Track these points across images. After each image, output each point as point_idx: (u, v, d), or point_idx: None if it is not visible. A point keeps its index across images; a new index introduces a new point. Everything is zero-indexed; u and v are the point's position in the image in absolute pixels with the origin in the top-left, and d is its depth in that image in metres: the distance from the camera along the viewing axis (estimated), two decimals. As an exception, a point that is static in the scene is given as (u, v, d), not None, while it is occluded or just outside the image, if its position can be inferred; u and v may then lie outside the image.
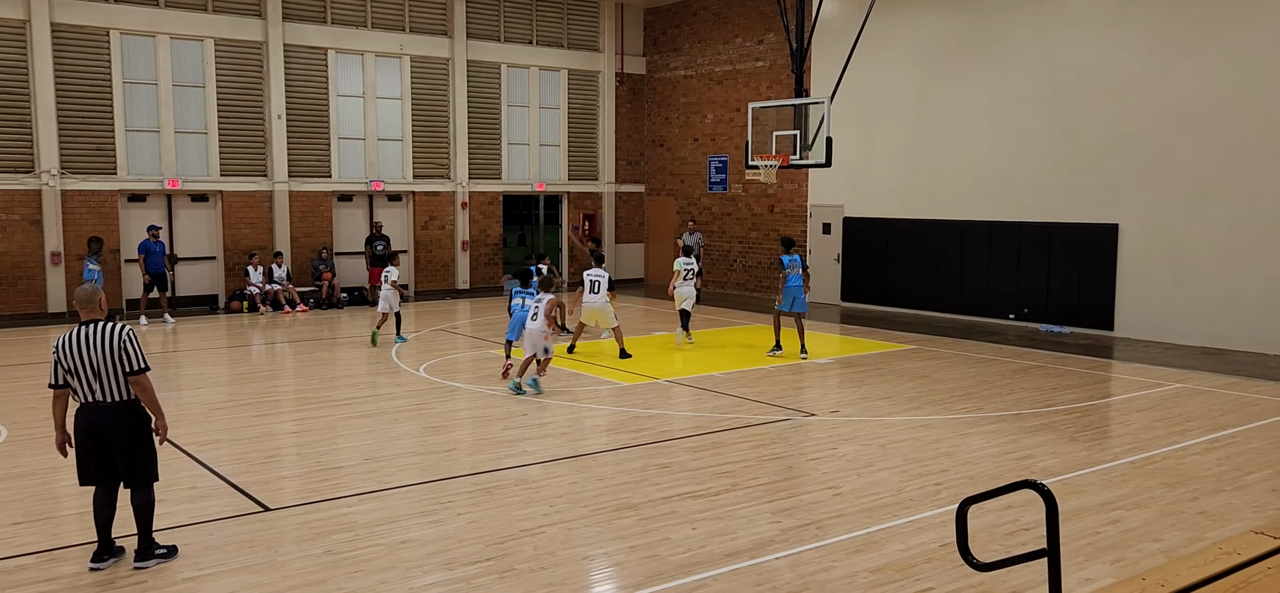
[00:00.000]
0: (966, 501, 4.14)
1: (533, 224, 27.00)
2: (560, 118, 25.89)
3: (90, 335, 6.48)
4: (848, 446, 9.83)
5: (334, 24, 22.23)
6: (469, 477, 8.72)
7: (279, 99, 21.50)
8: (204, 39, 20.75)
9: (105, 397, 6.46)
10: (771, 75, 23.27)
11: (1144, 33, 16.83)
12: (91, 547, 6.75)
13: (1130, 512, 7.79)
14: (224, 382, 13.57)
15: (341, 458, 9.50)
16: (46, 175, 19.24)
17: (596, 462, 9.21)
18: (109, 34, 19.76)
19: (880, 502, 8.00)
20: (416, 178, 23.69)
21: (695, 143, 25.59)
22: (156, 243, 19.25)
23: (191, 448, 9.61)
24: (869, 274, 21.44)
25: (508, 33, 24.75)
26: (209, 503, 7.94)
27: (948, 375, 13.69)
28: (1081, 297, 17.81)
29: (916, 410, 11.47)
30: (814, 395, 12.66)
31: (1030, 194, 18.46)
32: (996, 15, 18.91)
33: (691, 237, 23.34)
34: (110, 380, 6.45)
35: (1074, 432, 10.49)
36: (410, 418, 11.09)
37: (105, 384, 6.45)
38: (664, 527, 7.35)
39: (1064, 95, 17.93)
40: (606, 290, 14.99)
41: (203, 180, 21.00)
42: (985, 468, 9.07)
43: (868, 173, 21.19)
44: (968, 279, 19.55)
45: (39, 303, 19.42)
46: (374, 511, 7.76)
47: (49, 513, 7.80)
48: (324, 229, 22.43)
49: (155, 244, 19.22)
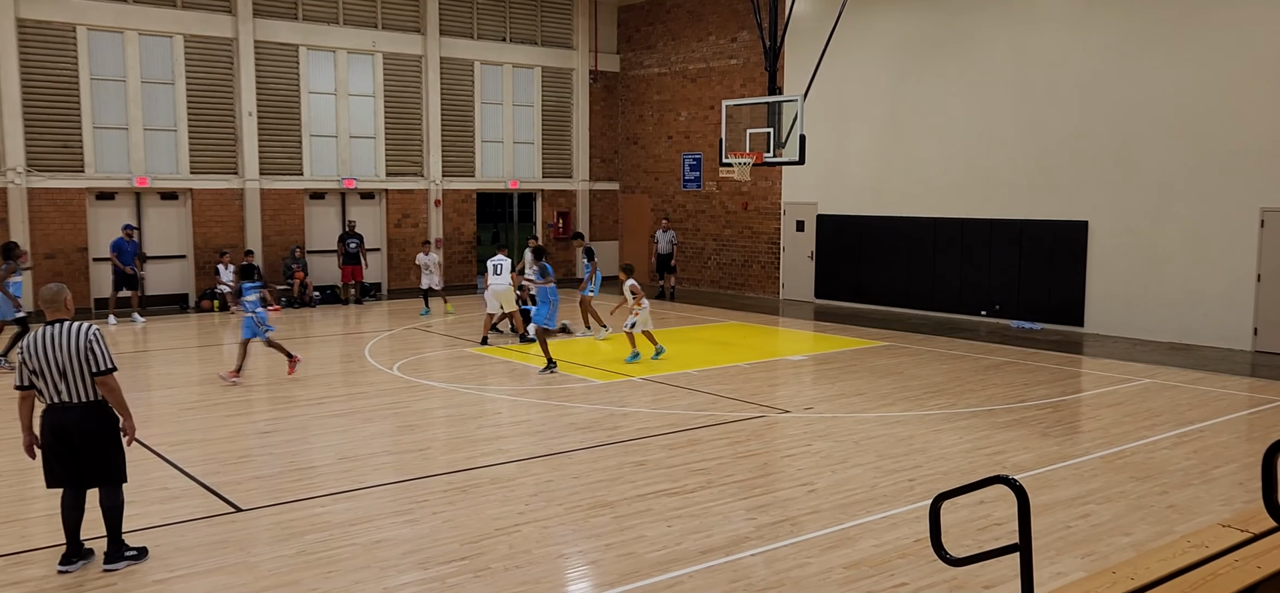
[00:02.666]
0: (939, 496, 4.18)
1: (507, 222, 26.91)
2: (534, 115, 25.82)
3: (56, 335, 6.39)
4: (822, 442, 9.88)
5: (305, 21, 22.04)
6: (444, 476, 8.68)
7: (250, 96, 21.29)
8: (173, 35, 20.50)
9: (72, 397, 6.38)
10: (745, 73, 23.32)
11: (1111, 32, 17.02)
12: (60, 549, 6.66)
13: (1101, 506, 7.88)
14: (195, 382, 13.42)
15: (315, 458, 9.43)
16: (12, 173, 18.94)
17: (572, 460, 9.20)
18: (76, 29, 19.48)
19: (854, 498, 8.05)
20: (389, 176, 23.55)
21: (669, 140, 25.60)
22: (130, 242, 19.02)
23: (162, 449, 9.50)
24: (842, 271, 21.55)
25: (481, 30, 24.65)
26: (180, 504, 7.86)
27: (921, 372, 13.79)
28: (1052, 293, 18.00)
29: (890, 407, 11.55)
30: (788, 393, 12.71)
31: (1001, 191, 18.63)
32: (967, 14, 19.06)
33: (665, 234, 23.37)
34: (76, 380, 6.36)
35: (1045, 427, 10.60)
36: (384, 417, 11.03)
37: (72, 384, 6.36)
38: (639, 524, 7.36)
39: (1033, 93, 18.10)
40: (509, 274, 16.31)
41: (172, 178, 20.76)
42: (958, 464, 9.15)
43: (841, 170, 21.30)
44: (940, 276, 19.70)
45: (5, 302, 19.10)
46: (348, 510, 7.71)
47: (16, 516, 7.69)
48: (296, 227, 22.23)
49: (129, 243, 18.99)
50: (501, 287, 16.16)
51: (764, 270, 23.47)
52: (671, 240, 23.31)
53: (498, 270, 16.20)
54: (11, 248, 14.53)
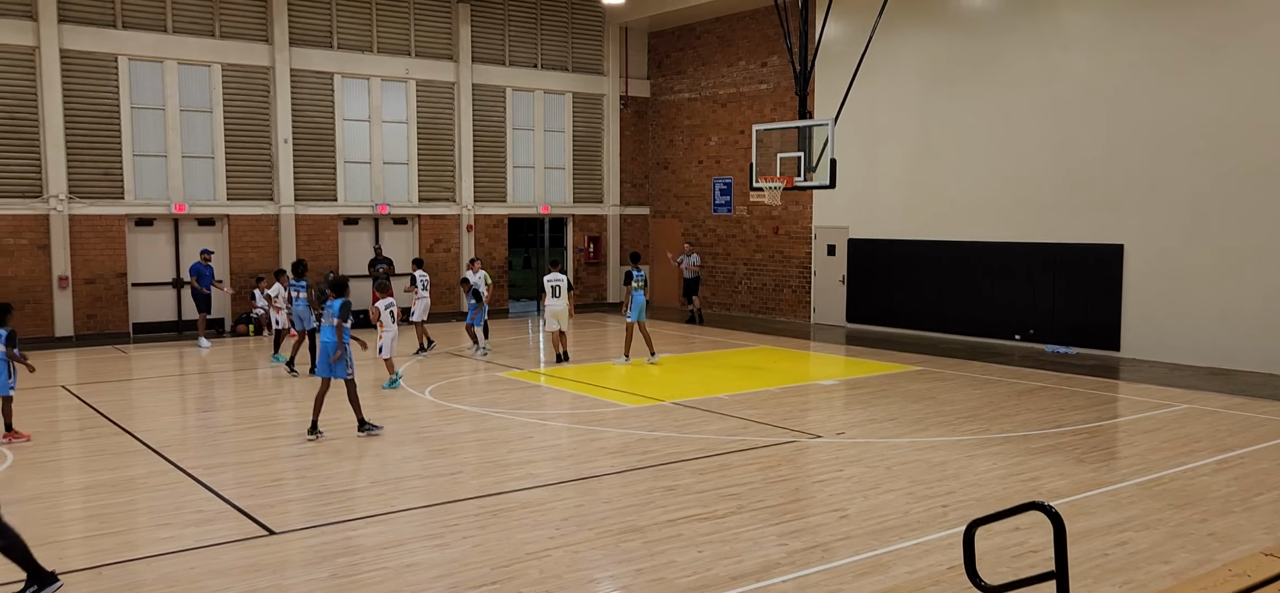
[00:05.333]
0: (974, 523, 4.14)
1: (538, 246, 27.05)
2: (565, 141, 25.98)
3: None
4: (854, 468, 9.80)
5: (340, 49, 22.37)
6: (474, 500, 8.70)
7: (285, 123, 21.61)
8: (211, 64, 20.88)
9: None
10: (775, 97, 23.34)
11: (1141, 51, 16.87)
12: (98, 570, 6.74)
13: (1139, 534, 7.75)
14: (229, 405, 13.57)
15: (347, 481, 9.50)
16: (55, 200, 19.34)
17: (602, 484, 9.19)
18: (117, 60, 19.90)
19: (887, 524, 7.97)
20: (422, 201, 23.77)
21: (699, 165, 25.65)
22: (207, 266, 19.37)
23: (197, 472, 9.61)
24: (874, 295, 21.43)
25: (512, 57, 24.88)
26: (215, 527, 7.94)
27: (953, 397, 13.66)
28: (1087, 317, 17.77)
29: (922, 432, 11.44)
30: (820, 417, 12.64)
31: (1034, 214, 18.47)
32: (996, 36, 18.98)
33: (689, 257, 23.31)
34: None
35: (1081, 453, 10.45)
36: (416, 441, 11.08)
37: None
38: (670, 550, 7.33)
39: (1064, 115, 17.96)
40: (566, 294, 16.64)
41: (210, 204, 21.09)
42: (992, 490, 9.03)
43: (872, 194, 21.22)
44: (972, 300, 19.53)
45: (46, 327, 19.47)
46: (380, 534, 7.75)
47: (54, 537, 7.80)
48: (330, 252, 22.48)
49: (207, 267, 19.35)
50: (559, 307, 16.57)
51: (795, 295, 23.38)
52: (696, 263, 23.27)
53: (556, 292, 16.59)
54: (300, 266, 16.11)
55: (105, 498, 8.89)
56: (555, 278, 16.77)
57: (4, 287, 19.05)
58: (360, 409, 11.31)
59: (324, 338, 11.38)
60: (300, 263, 16.42)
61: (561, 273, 17.00)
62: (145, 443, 10.86)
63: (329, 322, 11.31)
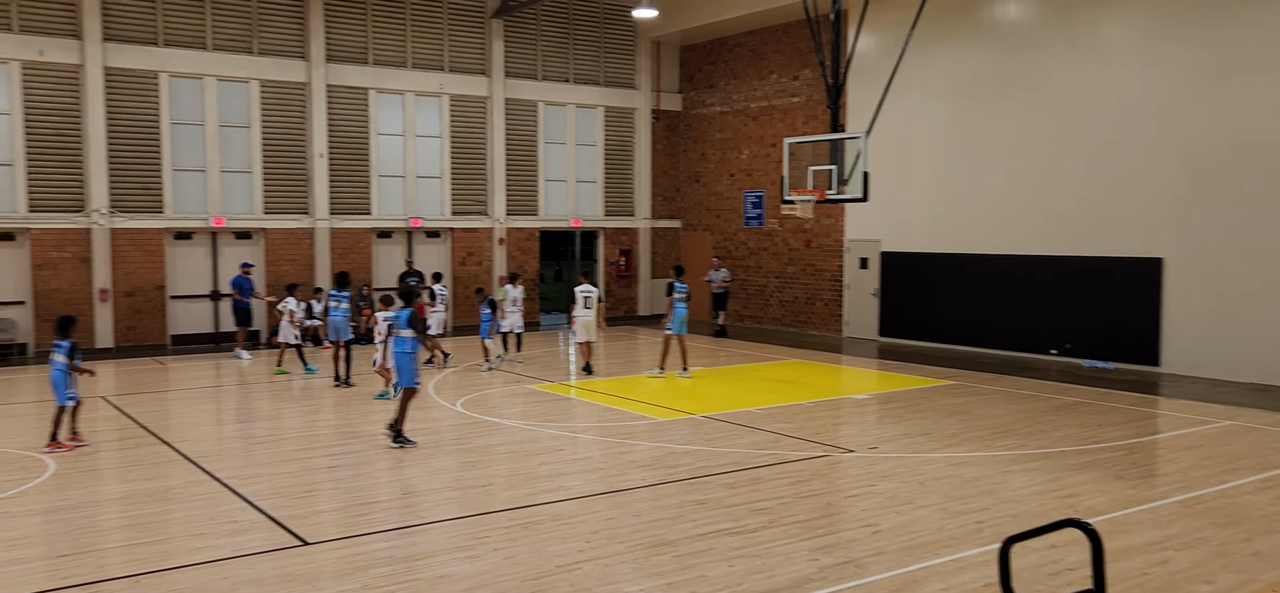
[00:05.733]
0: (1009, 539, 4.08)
1: (570, 260, 27.13)
2: (597, 154, 26.08)
3: None
4: (887, 483, 9.71)
5: (375, 65, 22.63)
6: (506, 512, 8.72)
7: (321, 138, 21.88)
8: (249, 81, 21.20)
9: None
10: (807, 110, 23.28)
11: (1181, 64, 16.64)
12: (136, 579, 6.82)
13: (1180, 552, 7.61)
14: (264, 416, 13.72)
15: (380, 493, 9.56)
16: (96, 214, 19.69)
17: (633, 498, 9.18)
18: (158, 77, 20.27)
19: (920, 540, 7.88)
20: (455, 214, 23.95)
21: (731, 178, 25.62)
22: (247, 278, 19.63)
23: (233, 482, 9.71)
24: (907, 309, 21.26)
25: (545, 71, 25.03)
26: (249, 537, 8.01)
27: (988, 412, 13.51)
28: (1125, 331, 17.51)
29: (957, 447, 11.32)
30: (852, 432, 12.54)
31: (1069, 228, 18.24)
32: (1031, 48, 18.81)
33: (717, 273, 23.19)
34: None
35: (1120, 470, 10.29)
36: (447, 453, 11.13)
37: None
38: (701, 564, 7.30)
39: (1101, 128, 17.75)
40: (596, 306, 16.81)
41: (247, 218, 21.38)
42: (1028, 506, 8.91)
43: (905, 207, 21.08)
44: (1007, 314, 19.31)
45: (87, 339, 19.79)
46: (411, 545, 7.79)
47: (94, 546, 7.91)
48: (364, 266, 22.70)
49: (247, 280, 19.61)
50: (589, 318, 16.79)
51: (827, 308, 23.26)
52: (725, 278, 23.15)
53: (588, 303, 16.81)
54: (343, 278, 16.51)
55: (143, 507, 9.01)
56: (587, 289, 16.93)
57: (47, 299, 19.43)
58: (404, 419, 11.35)
59: (398, 349, 11.51)
60: (343, 274, 16.69)
61: (592, 285, 17.15)
62: (182, 453, 11.00)
63: (400, 332, 11.49)
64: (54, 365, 11.20)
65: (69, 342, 11.26)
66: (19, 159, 19.10)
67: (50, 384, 11.30)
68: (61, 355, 11.17)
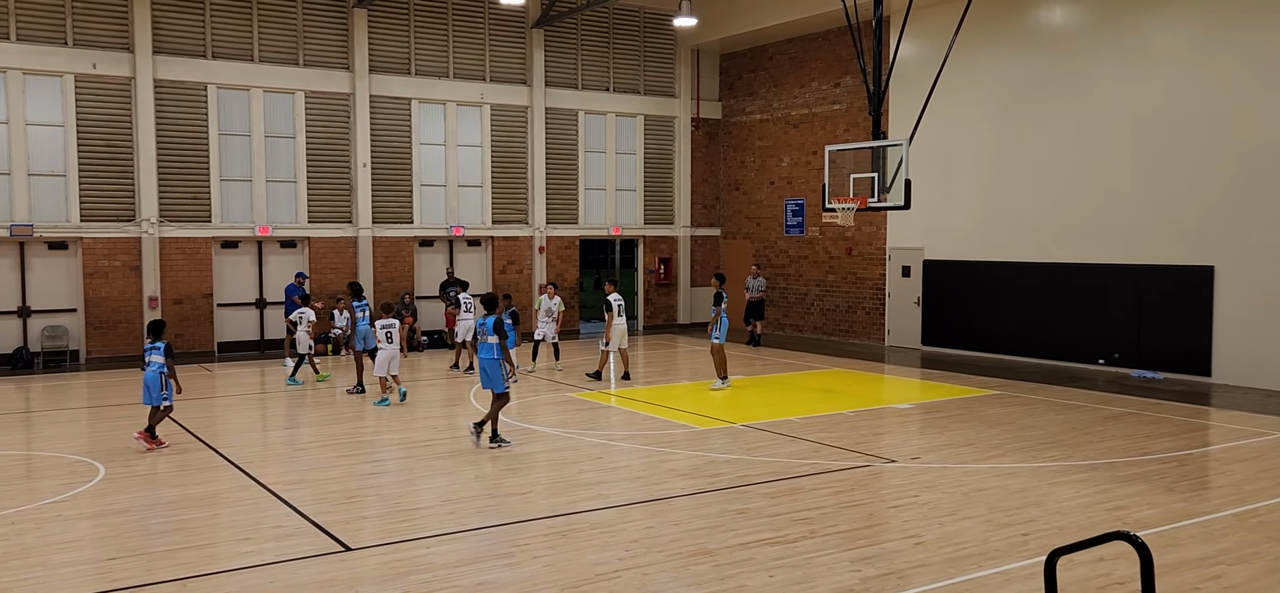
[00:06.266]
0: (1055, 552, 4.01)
1: (609, 268, 27.17)
2: (636, 162, 26.11)
3: None
4: (930, 493, 9.59)
5: (417, 75, 22.87)
6: (545, 519, 8.74)
7: (364, 148, 22.14)
8: (295, 92, 21.52)
9: None
10: (848, 118, 23.14)
11: (1231, 67, 16.31)
12: (183, 582, 6.92)
13: (1233, 567, 7.42)
14: (309, 422, 13.88)
15: (421, 499, 9.62)
16: (146, 223, 20.09)
17: (672, 506, 9.15)
18: (206, 89, 20.64)
19: (964, 552, 7.77)
20: (495, 223, 24.10)
21: (771, 186, 25.52)
22: (301, 287, 19.94)
23: (277, 487, 9.83)
24: (950, 318, 21.02)
25: (585, 80, 25.13)
26: (293, 542, 8.10)
27: (1034, 422, 13.29)
28: (1175, 341, 17.16)
29: (1001, 458, 11.15)
30: (894, 442, 12.41)
31: (1117, 235, 17.93)
32: (1077, 53, 18.53)
33: (754, 280, 22.96)
34: None
35: (1170, 482, 10.07)
36: (488, 460, 11.18)
37: None
38: (741, 574, 7.25)
39: (1149, 133, 17.44)
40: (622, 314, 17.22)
41: (292, 227, 21.68)
42: (1075, 518, 8.75)
43: (948, 214, 20.86)
44: (1053, 323, 19.01)
45: (137, 346, 20.16)
46: (452, 552, 7.83)
47: (142, 549, 8.05)
48: (406, 274, 22.92)
49: (300, 289, 19.92)
50: (621, 326, 17.26)
51: (869, 317, 23.06)
52: (761, 286, 22.94)
53: (621, 311, 17.27)
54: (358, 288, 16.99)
55: (190, 512, 9.15)
56: (616, 297, 17.31)
57: (98, 307, 19.85)
58: (497, 421, 11.69)
59: (483, 356, 11.73)
60: (357, 285, 17.20)
61: (619, 293, 17.53)
62: (228, 459, 11.16)
63: (484, 338, 11.71)
64: (149, 367, 11.64)
65: (164, 344, 11.74)
66: (72, 170, 19.55)
67: (143, 385, 11.69)
68: (157, 357, 11.63)
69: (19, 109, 19.04)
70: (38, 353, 19.38)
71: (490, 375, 11.69)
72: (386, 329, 14.74)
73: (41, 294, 19.68)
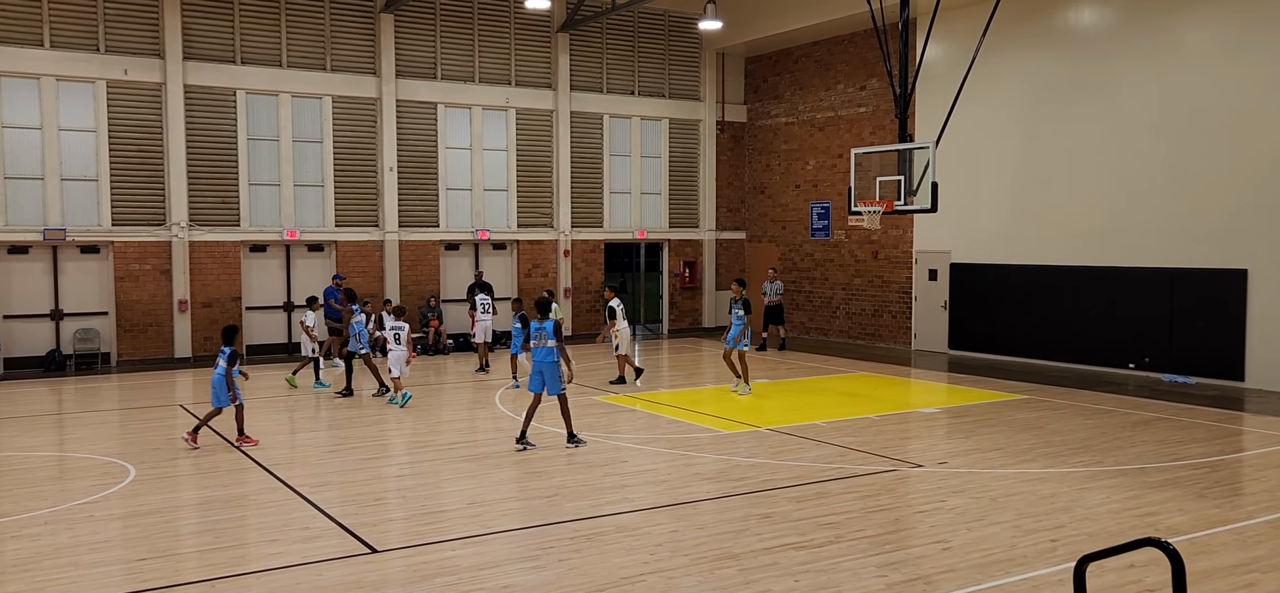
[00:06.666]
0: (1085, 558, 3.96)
1: (634, 271, 27.19)
2: (661, 166, 26.11)
3: None
4: (957, 498, 9.52)
5: (443, 80, 22.99)
6: (570, 523, 8.74)
7: (391, 152, 22.29)
8: (322, 97, 21.70)
9: None
10: (874, 120, 23.02)
11: (1264, 66, 16.07)
12: (211, 583, 6.99)
13: (1267, 575, 7.31)
14: (337, 425, 13.97)
15: (446, 502, 9.66)
16: (176, 227, 20.31)
17: (697, 510, 9.13)
18: (236, 94, 20.86)
19: (992, 558, 7.70)
20: (520, 227, 24.18)
21: (797, 189, 25.44)
22: (338, 290, 20.09)
23: (304, 489, 9.91)
24: (977, 321, 20.85)
25: (610, 84, 25.16)
26: (320, 544, 8.16)
27: (1063, 427, 13.16)
28: (1207, 345, 16.93)
29: (1030, 463, 11.04)
30: (921, 446, 12.32)
31: (1148, 238, 17.72)
32: (1106, 55, 18.34)
33: (772, 285, 22.79)
34: None
35: (1202, 488, 9.93)
36: (513, 463, 11.21)
37: None
38: (766, 578, 7.23)
39: (1181, 135, 17.22)
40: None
41: (319, 231, 21.85)
42: (1105, 524, 8.65)
43: (975, 217, 20.70)
44: (1082, 327, 18.81)
45: (166, 348, 20.43)
46: (477, 555, 7.85)
47: (171, 550, 8.13)
48: (432, 277, 23.04)
49: (338, 291, 20.07)
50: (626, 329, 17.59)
51: (895, 320, 22.93)
52: (779, 291, 22.74)
53: (624, 316, 17.58)
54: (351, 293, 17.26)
55: (218, 513, 9.23)
56: (618, 302, 17.54)
57: (129, 310, 20.09)
58: (570, 421, 11.93)
59: (542, 359, 11.83)
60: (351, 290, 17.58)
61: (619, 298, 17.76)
62: (256, 460, 11.26)
63: (542, 342, 11.82)
64: (217, 370, 12.12)
65: (231, 349, 12.16)
66: (103, 174, 19.81)
67: (211, 386, 12.13)
68: (223, 361, 12.08)
69: (52, 115, 19.32)
70: (70, 355, 19.64)
71: (548, 378, 11.79)
72: (395, 331, 15.18)
73: (73, 297, 19.95)
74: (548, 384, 11.77)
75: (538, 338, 11.87)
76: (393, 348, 15.06)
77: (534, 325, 11.91)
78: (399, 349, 15.00)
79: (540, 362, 11.83)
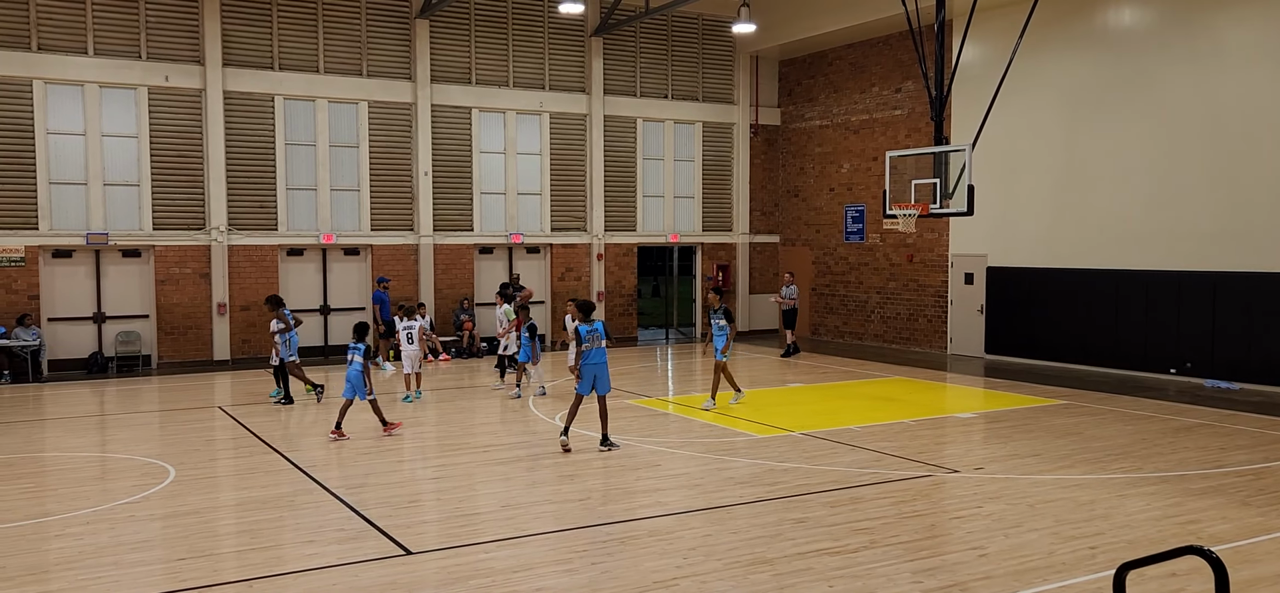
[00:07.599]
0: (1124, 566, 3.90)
1: (667, 275, 27.17)
2: (695, 169, 26.09)
3: None
4: (994, 504, 9.41)
5: (478, 84, 23.14)
6: (603, 526, 8.75)
7: (426, 156, 22.46)
8: (358, 102, 21.92)
9: None
10: (909, 123, 22.85)
11: (1317, 68, 15.76)
12: (248, 583, 7.07)
13: (1313, 585, 7.16)
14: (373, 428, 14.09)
15: (480, 504, 9.71)
16: (215, 231, 20.61)
17: (731, 514, 9.10)
18: (274, 100, 21.13)
19: (1030, 564, 7.60)
20: (554, 230, 24.26)
21: (831, 192, 25.31)
22: (385, 292, 20.51)
23: (341, 491, 10.00)
24: (1015, 325, 20.62)
25: (644, 88, 25.18)
26: (356, 545, 8.23)
27: (1102, 433, 12.97)
28: (1251, 351, 16.62)
29: (1068, 469, 10.90)
30: (957, 451, 12.20)
31: (1190, 241, 17.43)
32: (1147, 55, 18.07)
33: (788, 289, 22.54)
34: None
35: (1247, 496, 9.74)
36: (546, 466, 11.24)
37: None
38: (799, 584, 7.19)
39: (1225, 136, 16.92)
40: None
41: (355, 235, 22.07)
42: (1145, 532, 8.51)
43: (1012, 221, 20.47)
44: (1122, 331, 18.54)
45: (206, 351, 20.72)
46: (511, 557, 7.88)
47: (210, 551, 8.24)
48: (466, 281, 23.18)
49: (385, 294, 20.50)
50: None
51: (931, 324, 22.73)
52: (793, 295, 22.43)
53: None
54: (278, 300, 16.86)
55: (256, 514, 9.34)
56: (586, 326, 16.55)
57: (169, 313, 20.40)
58: (607, 425, 12.04)
59: (597, 359, 11.90)
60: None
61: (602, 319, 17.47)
62: (293, 462, 11.38)
63: (595, 343, 11.93)
64: (351, 365, 12.78)
65: (365, 344, 12.74)
66: (144, 179, 20.14)
67: (346, 381, 12.83)
68: (359, 357, 12.64)
69: (95, 121, 19.68)
70: (112, 357, 19.98)
71: (600, 377, 11.91)
72: (407, 331, 15.94)
73: (115, 300, 20.29)
74: (598, 384, 11.87)
75: (591, 340, 11.92)
76: (406, 347, 15.89)
77: (584, 329, 11.91)
78: (412, 348, 15.84)
79: (596, 363, 11.91)
